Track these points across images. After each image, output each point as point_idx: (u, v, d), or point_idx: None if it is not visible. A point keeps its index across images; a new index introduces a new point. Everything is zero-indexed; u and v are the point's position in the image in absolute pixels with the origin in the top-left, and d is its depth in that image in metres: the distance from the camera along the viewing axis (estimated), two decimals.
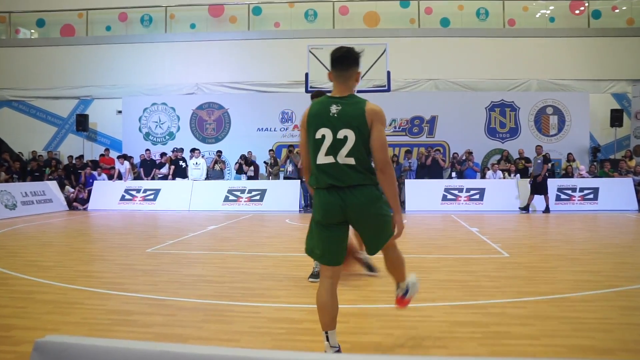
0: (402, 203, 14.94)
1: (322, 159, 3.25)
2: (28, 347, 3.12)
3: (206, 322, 4.48)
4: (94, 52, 20.10)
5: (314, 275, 6.04)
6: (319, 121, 3.28)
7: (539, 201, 15.34)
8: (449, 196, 15.90)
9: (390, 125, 18.83)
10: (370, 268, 6.08)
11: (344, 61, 3.39)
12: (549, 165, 15.93)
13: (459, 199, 15.84)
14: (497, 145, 18.80)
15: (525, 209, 15.19)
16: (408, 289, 3.80)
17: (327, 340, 3.39)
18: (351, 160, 3.21)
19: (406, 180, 16.33)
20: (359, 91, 14.88)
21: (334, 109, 3.26)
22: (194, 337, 4.11)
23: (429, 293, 5.35)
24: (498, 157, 18.12)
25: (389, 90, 15.05)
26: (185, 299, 5.22)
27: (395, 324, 4.38)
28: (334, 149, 3.22)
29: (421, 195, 15.86)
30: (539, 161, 15.23)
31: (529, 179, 15.63)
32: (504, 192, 15.81)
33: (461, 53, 19.18)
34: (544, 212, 15.09)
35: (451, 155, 18.13)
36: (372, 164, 3.32)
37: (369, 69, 14.66)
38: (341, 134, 3.20)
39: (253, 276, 6.37)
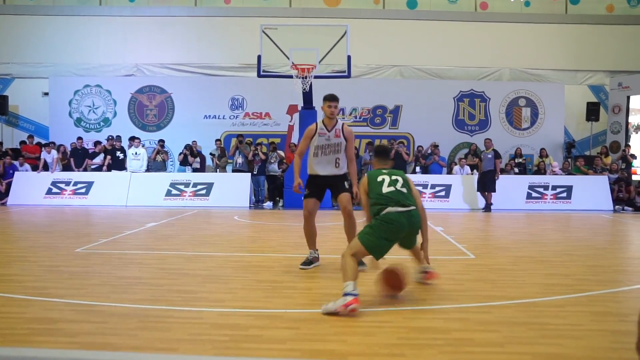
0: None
1: (386, 189, 5.38)
2: None
3: (141, 329, 4.42)
4: (15, 24, 19.45)
5: (306, 262, 6.82)
6: (376, 175, 5.59)
7: (481, 199, 15.86)
8: None
9: (350, 114, 18.97)
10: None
11: (387, 157, 6.05)
12: (500, 160, 16.45)
13: (423, 195, 16.07)
14: (465, 139, 19.17)
15: (487, 208, 15.51)
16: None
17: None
18: (405, 189, 5.45)
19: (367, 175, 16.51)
20: (317, 76, 14.96)
21: (384, 170, 5.65)
22: (127, 345, 4.05)
23: (387, 297, 5.41)
24: (466, 151, 18.46)
25: (349, 76, 15.14)
26: (117, 304, 5.13)
27: (350, 329, 4.42)
28: (393, 184, 5.44)
29: None
30: (489, 156, 15.57)
31: (475, 175, 16.01)
32: (472, 189, 16.12)
33: (429, 38, 19.44)
34: (484, 210, 15.47)
35: (415, 149, 18.37)
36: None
37: (327, 53, 14.72)
38: (394, 177, 5.52)
39: (195, 278, 6.32)
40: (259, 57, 14.93)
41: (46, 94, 19.37)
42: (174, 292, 5.64)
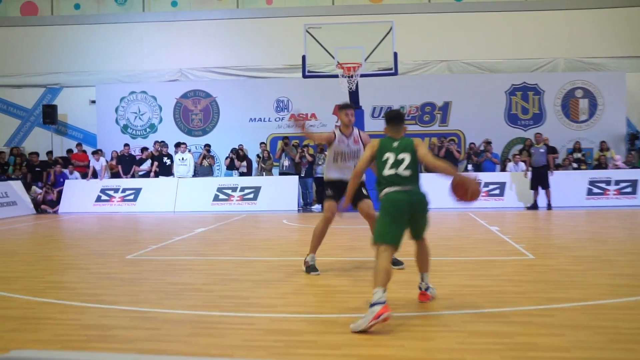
0: None
1: (387, 172, 5.05)
2: None
3: (194, 335, 4.48)
4: (62, 34, 20.09)
5: (314, 268, 6.83)
6: (385, 150, 5.17)
7: (541, 198, 15.48)
8: None
9: None
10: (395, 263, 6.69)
11: (399, 121, 5.35)
12: (557, 155, 16.04)
13: None
14: (519, 134, 18.81)
15: (534, 207, 15.21)
16: (429, 286, 5.34)
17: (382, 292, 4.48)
18: (407, 172, 5.05)
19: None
20: (363, 75, 14.94)
21: (395, 144, 5.19)
22: (182, 352, 4.11)
23: (445, 300, 5.35)
24: (520, 146, 18.09)
25: (396, 73, 15.06)
26: (170, 311, 5.21)
27: (407, 334, 4.38)
28: (396, 165, 5.06)
29: (433, 191, 15.63)
30: (542, 150, 15.27)
31: (524, 172, 15.68)
32: (528, 186, 15.77)
33: (477, 30, 19.15)
34: (547, 209, 15.11)
35: (467, 146, 18.13)
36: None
37: (373, 51, 14.69)
38: (400, 156, 5.09)
39: (246, 284, 6.37)
40: (304, 57, 14.99)
41: (93, 102, 19.92)
42: (226, 297, 5.70)
